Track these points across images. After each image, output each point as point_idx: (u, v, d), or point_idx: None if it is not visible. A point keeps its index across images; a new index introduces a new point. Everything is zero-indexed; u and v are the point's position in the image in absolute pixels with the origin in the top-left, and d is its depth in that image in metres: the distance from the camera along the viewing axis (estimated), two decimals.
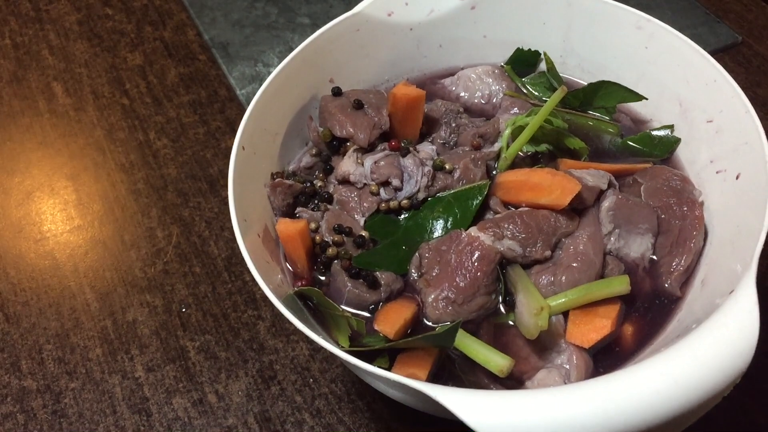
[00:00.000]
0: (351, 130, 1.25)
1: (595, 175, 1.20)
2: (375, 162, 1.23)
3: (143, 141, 1.74)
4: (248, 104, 1.73)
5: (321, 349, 1.38)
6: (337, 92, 1.32)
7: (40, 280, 1.51)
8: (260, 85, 1.78)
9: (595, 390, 0.83)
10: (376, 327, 1.08)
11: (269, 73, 1.80)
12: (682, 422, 0.88)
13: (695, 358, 0.85)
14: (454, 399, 0.83)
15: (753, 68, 1.81)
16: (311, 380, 1.35)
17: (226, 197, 1.59)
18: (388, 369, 1.07)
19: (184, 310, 1.45)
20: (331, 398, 1.33)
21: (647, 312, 1.13)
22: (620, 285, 1.09)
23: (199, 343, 1.41)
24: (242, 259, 1.47)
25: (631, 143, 1.33)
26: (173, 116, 1.78)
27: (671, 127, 1.31)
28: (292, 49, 1.28)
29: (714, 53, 1.21)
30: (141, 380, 1.36)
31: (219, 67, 1.88)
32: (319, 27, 1.31)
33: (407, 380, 0.88)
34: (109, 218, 1.60)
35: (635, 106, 1.37)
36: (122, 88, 1.85)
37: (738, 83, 1.18)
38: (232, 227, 1.55)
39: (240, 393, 1.34)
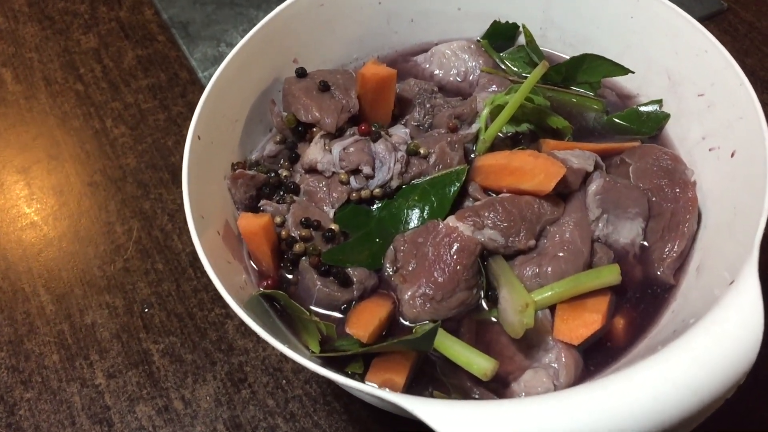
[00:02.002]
0: (317, 114, 1.16)
1: (580, 157, 1.12)
2: (344, 148, 1.14)
3: (99, 129, 1.63)
4: None
5: None
6: (301, 73, 1.22)
7: None
8: None
9: (586, 398, 0.75)
10: (348, 330, 0.99)
11: None
12: (683, 428, 0.81)
13: (695, 359, 0.78)
14: (432, 412, 0.75)
15: (740, 36, 1.73)
16: (284, 382, 1.27)
17: None
18: (363, 374, 0.99)
19: (146, 310, 1.36)
20: (305, 400, 1.25)
21: (639, 302, 1.06)
22: (610, 275, 1.02)
23: (164, 346, 1.32)
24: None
25: (617, 120, 1.25)
26: (131, 102, 1.68)
27: (660, 102, 1.23)
28: None
29: (699, 21, 1.12)
30: (101, 388, 1.28)
31: (179, 48, 1.77)
32: (284, 2, 1.21)
33: (383, 393, 0.80)
34: (63, 213, 1.50)
35: (621, 81, 1.29)
36: (76, 73, 1.74)
37: None
38: None
39: (208, 398, 1.26)
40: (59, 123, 1.65)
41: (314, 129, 1.18)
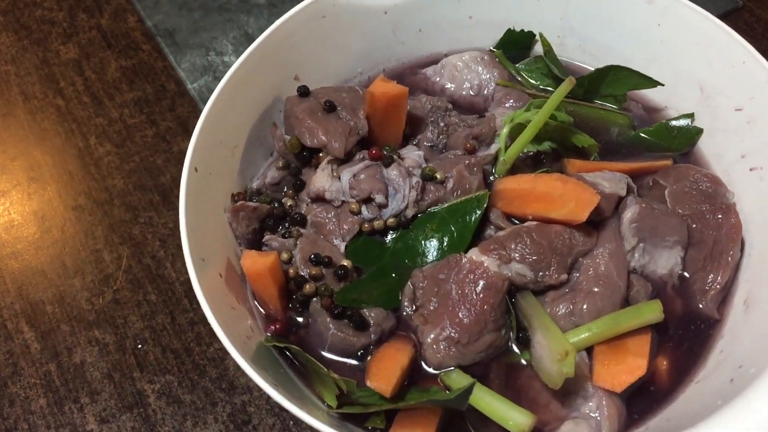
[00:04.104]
0: (323, 138, 1.07)
1: (611, 180, 1.03)
2: (354, 175, 1.05)
3: (83, 148, 1.53)
4: (202, 99, 1.56)
5: None
6: (304, 92, 1.13)
7: None
8: (214, 76, 1.59)
9: None
10: (369, 383, 0.90)
11: (223, 63, 1.60)
12: None
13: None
14: None
15: (757, 35, 1.65)
16: (291, 423, 1.18)
17: None
18: (385, 429, 0.90)
19: (140, 346, 1.27)
20: None
21: (682, 340, 0.98)
22: (652, 313, 0.93)
23: (159, 386, 1.23)
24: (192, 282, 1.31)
25: (644, 136, 1.16)
26: (116, 117, 1.57)
27: (691, 116, 1.15)
28: (248, 35, 1.09)
29: None
30: None
31: (166, 58, 1.66)
32: (276, 7, 1.12)
33: None
34: (47, 241, 1.40)
35: (648, 93, 1.20)
36: (56, 87, 1.63)
37: None
38: None
39: None
40: (39, 142, 1.54)
41: (321, 154, 1.09)
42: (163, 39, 1.69)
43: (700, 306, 1.00)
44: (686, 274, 1.02)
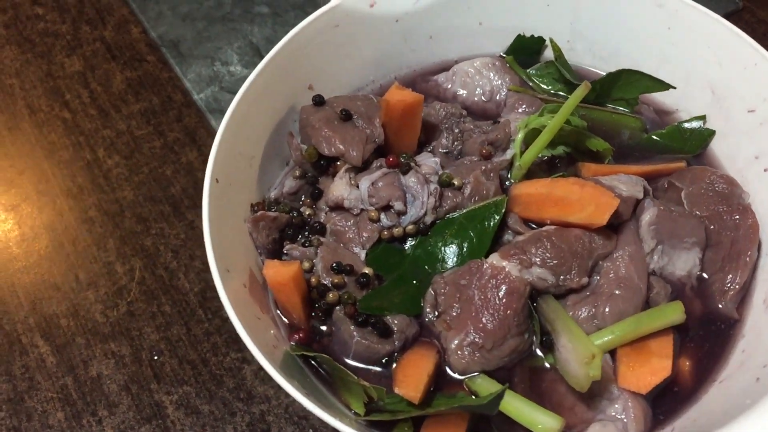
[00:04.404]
0: (341, 147, 1.07)
1: (627, 183, 1.04)
2: (372, 183, 1.05)
3: (91, 160, 1.52)
4: (209, 109, 1.56)
5: None
6: (319, 101, 1.13)
7: None
8: (220, 86, 1.59)
9: None
10: (397, 390, 0.91)
11: (229, 73, 1.61)
12: None
13: None
14: None
15: (758, 36, 1.63)
16: (311, 431, 1.18)
17: (193, 221, 1.41)
18: None
19: (156, 357, 1.27)
20: None
21: (703, 341, 0.99)
22: (674, 314, 0.94)
23: (177, 397, 1.23)
24: (217, 293, 1.31)
25: (656, 138, 1.17)
26: (123, 129, 1.57)
27: (703, 118, 1.16)
28: (252, 44, 1.10)
29: None
30: None
31: (171, 69, 1.66)
32: (280, 17, 1.12)
33: None
34: (59, 255, 1.39)
35: (659, 96, 1.21)
36: (62, 100, 1.63)
37: None
38: (202, 256, 1.37)
39: None
40: (47, 155, 1.54)
41: (338, 162, 1.09)
42: (168, 50, 1.69)
43: (720, 306, 1.01)
44: (705, 275, 1.03)
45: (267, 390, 1.23)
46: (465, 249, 1.04)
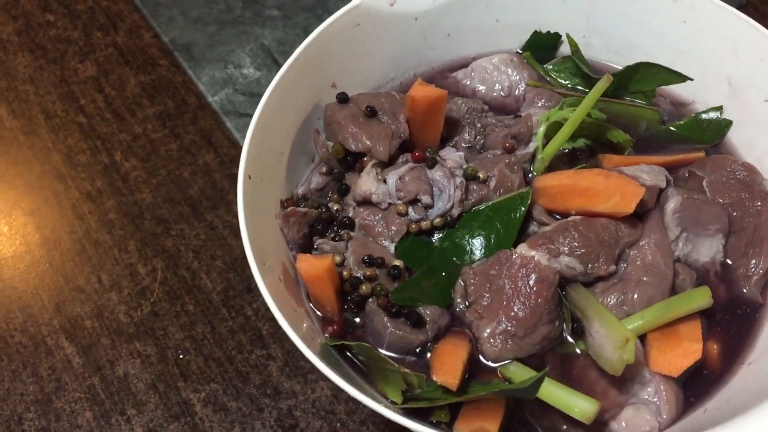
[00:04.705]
0: (368, 142, 1.09)
1: (650, 173, 1.06)
2: (400, 178, 1.07)
3: (109, 164, 1.54)
4: (224, 112, 1.58)
5: None
6: (343, 99, 1.15)
7: (8, 337, 1.31)
8: (234, 89, 1.61)
9: None
10: (435, 378, 0.92)
11: (242, 75, 1.63)
12: None
13: None
14: None
15: None
16: (338, 425, 1.20)
17: (212, 221, 1.43)
18: (449, 423, 0.92)
19: (181, 356, 1.28)
20: None
21: (730, 325, 1.01)
22: (702, 299, 0.96)
23: (205, 394, 1.24)
24: (241, 292, 1.32)
25: (674, 129, 1.19)
26: (139, 132, 1.58)
27: (720, 108, 1.18)
28: (264, 47, 1.12)
29: None
30: None
31: (184, 72, 1.68)
32: (291, 19, 1.14)
33: None
34: (81, 257, 1.40)
35: (676, 88, 1.23)
36: (77, 105, 1.64)
37: None
38: (223, 256, 1.39)
39: None
40: (64, 159, 1.55)
41: (364, 158, 1.11)
42: (181, 54, 1.71)
43: (744, 291, 1.03)
44: (729, 261, 1.05)
45: (293, 386, 1.24)
46: (492, 240, 1.05)
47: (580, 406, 0.87)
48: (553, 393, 0.90)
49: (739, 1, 1.74)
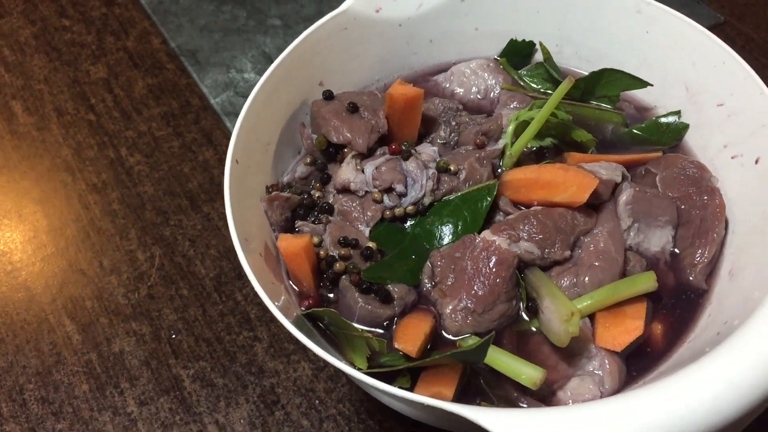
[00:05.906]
0: (348, 135, 1.18)
1: (608, 168, 1.14)
2: (376, 168, 1.16)
3: (114, 158, 1.64)
4: (224, 113, 1.68)
5: (325, 368, 1.31)
6: (328, 96, 1.24)
7: (14, 314, 1.41)
8: (235, 92, 1.71)
9: (652, 398, 0.77)
10: (396, 345, 1.00)
11: (243, 79, 1.72)
12: (734, 428, 0.83)
13: (749, 357, 0.80)
14: (497, 421, 0.77)
15: (738, 48, 1.74)
16: (317, 402, 1.28)
17: (209, 213, 1.52)
18: (410, 389, 1.00)
19: (174, 336, 1.36)
20: (340, 420, 1.25)
21: (674, 308, 1.08)
22: (647, 282, 1.04)
23: (194, 371, 1.32)
24: (232, 278, 1.41)
25: (636, 132, 1.28)
26: (145, 130, 1.69)
27: (678, 113, 1.27)
28: (265, 53, 1.21)
29: None
30: (134, 415, 1.27)
31: (189, 76, 1.79)
32: (291, 28, 1.23)
33: (444, 404, 0.81)
34: (84, 243, 1.50)
35: (639, 94, 1.32)
36: (87, 103, 1.75)
37: None
38: (217, 245, 1.48)
39: (242, 421, 1.26)
40: (74, 153, 1.65)
41: (345, 150, 1.20)
42: (187, 59, 1.81)
43: (690, 278, 1.10)
44: (677, 250, 1.13)
45: (277, 365, 1.32)
46: (460, 227, 1.14)
47: (527, 372, 0.95)
48: (504, 362, 0.97)
49: (717, 19, 1.83)
